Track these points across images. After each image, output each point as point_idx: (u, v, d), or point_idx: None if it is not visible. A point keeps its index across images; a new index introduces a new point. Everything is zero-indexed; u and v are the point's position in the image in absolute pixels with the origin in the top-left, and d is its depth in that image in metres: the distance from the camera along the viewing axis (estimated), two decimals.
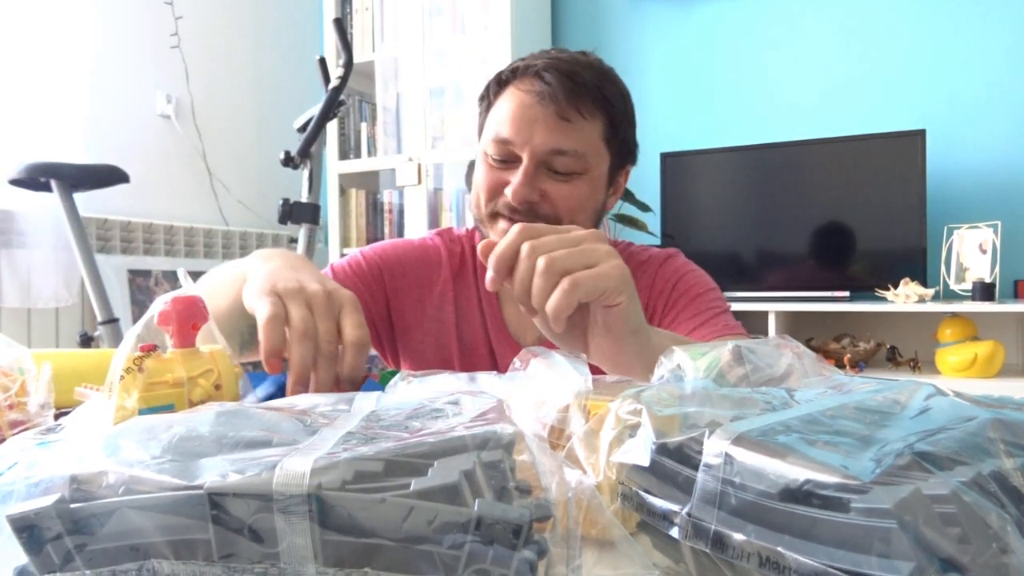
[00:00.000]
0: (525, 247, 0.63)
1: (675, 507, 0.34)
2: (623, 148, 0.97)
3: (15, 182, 2.06)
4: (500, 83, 0.95)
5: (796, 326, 2.55)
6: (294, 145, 2.12)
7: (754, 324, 2.55)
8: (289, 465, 0.29)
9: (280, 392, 0.61)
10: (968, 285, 2.32)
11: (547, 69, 0.89)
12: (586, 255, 0.64)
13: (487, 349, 1.04)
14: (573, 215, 0.91)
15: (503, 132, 0.90)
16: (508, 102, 0.91)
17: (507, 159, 0.91)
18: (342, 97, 2.14)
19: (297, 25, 3.30)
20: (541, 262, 0.62)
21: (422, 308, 1.04)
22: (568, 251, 0.63)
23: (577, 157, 0.90)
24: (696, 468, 0.33)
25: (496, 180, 0.92)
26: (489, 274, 0.64)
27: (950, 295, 2.40)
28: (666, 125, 2.96)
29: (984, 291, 2.23)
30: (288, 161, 2.08)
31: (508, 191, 0.89)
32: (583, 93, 0.89)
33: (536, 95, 0.88)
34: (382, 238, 3.15)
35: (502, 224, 0.92)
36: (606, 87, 0.92)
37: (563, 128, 0.88)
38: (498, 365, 1.03)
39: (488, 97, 0.96)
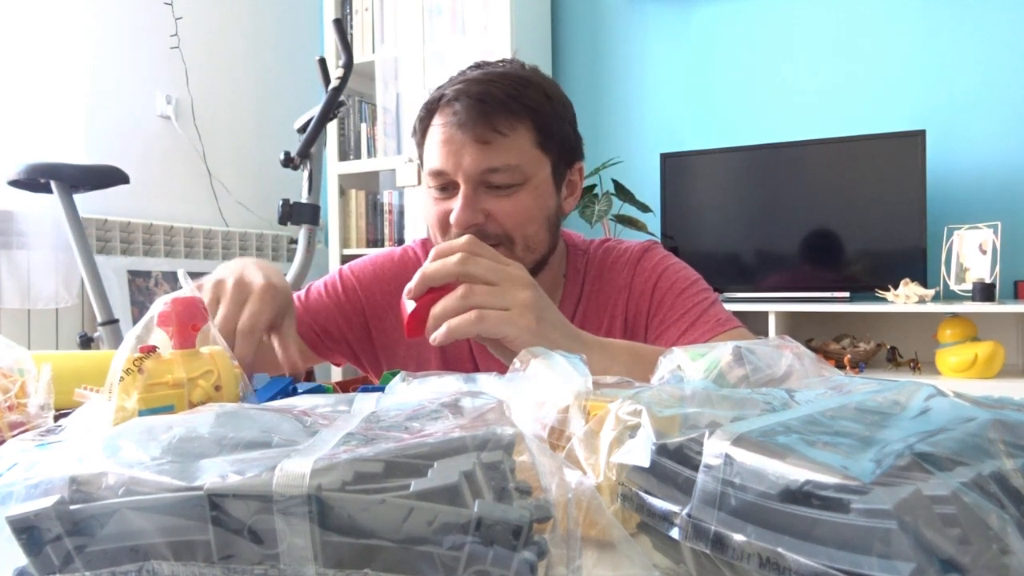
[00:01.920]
0: (459, 255, 0.72)
1: (675, 508, 0.34)
2: (563, 148, 0.96)
3: (15, 183, 2.05)
4: (422, 118, 0.96)
5: (796, 326, 2.54)
6: (294, 146, 2.12)
7: (754, 324, 2.55)
8: (289, 466, 0.29)
9: (282, 395, 0.61)
10: (968, 285, 2.32)
11: (457, 97, 0.89)
12: (502, 295, 0.71)
13: (470, 360, 1.04)
14: (523, 228, 0.92)
15: (435, 164, 0.91)
16: (433, 135, 0.92)
17: (447, 185, 0.92)
18: (342, 98, 2.14)
19: (297, 25, 3.30)
20: (461, 291, 0.70)
21: (402, 324, 1.05)
22: (489, 288, 0.71)
23: (511, 171, 0.89)
24: (696, 469, 0.33)
25: (442, 211, 0.93)
26: (414, 283, 0.72)
27: (950, 295, 2.40)
28: (666, 125, 2.96)
29: (984, 291, 2.23)
30: (288, 162, 2.08)
31: (452, 218, 0.90)
32: (495, 111, 0.88)
33: (455, 124, 0.89)
34: (382, 239, 3.15)
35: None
36: (525, 94, 0.91)
37: (487, 148, 0.88)
38: (480, 369, 1.03)
39: (417, 132, 0.98)
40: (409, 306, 0.73)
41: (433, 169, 0.92)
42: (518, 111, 0.89)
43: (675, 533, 0.33)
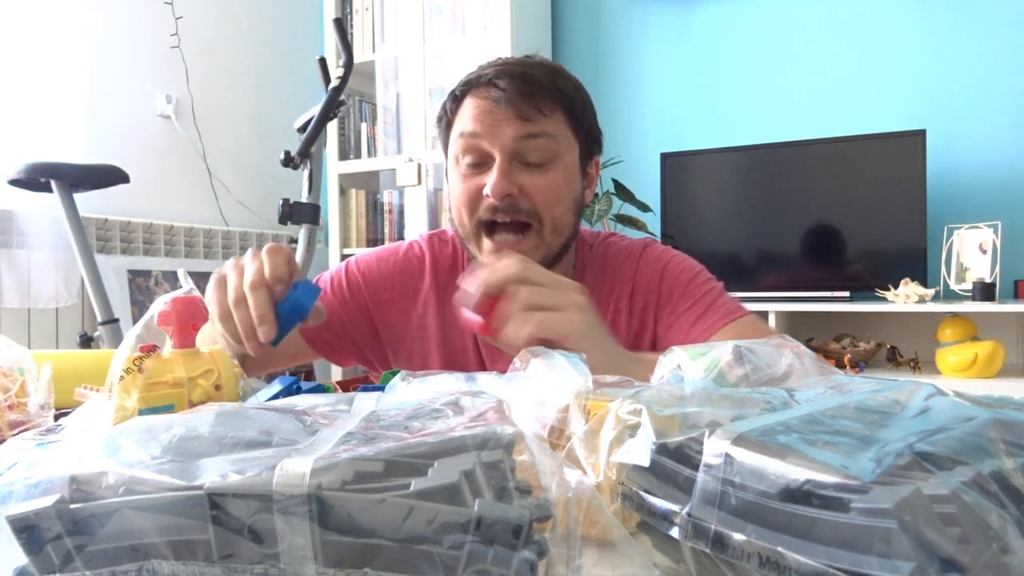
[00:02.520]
0: (517, 266, 0.73)
1: (675, 507, 0.34)
2: (588, 136, 0.99)
3: (15, 182, 2.05)
4: (455, 99, 0.97)
5: (796, 326, 2.54)
6: (294, 145, 2.12)
7: None
8: (289, 465, 0.29)
9: (286, 394, 0.61)
10: (968, 285, 2.32)
11: (499, 76, 0.92)
12: (559, 296, 0.73)
13: (475, 352, 1.04)
14: (552, 207, 0.93)
15: (470, 127, 0.92)
16: (469, 110, 0.94)
17: (480, 161, 0.93)
18: (342, 97, 2.14)
19: (297, 25, 3.30)
20: (523, 292, 0.72)
21: (408, 318, 1.06)
22: (544, 289, 0.73)
23: (548, 138, 0.92)
24: (696, 468, 0.33)
25: (473, 187, 0.93)
26: (476, 293, 0.73)
27: (950, 295, 2.40)
28: (666, 125, 2.96)
29: (984, 291, 2.23)
30: (288, 161, 2.07)
31: (487, 190, 0.91)
32: (538, 91, 0.91)
33: (493, 101, 0.91)
34: (382, 238, 3.15)
35: (487, 244, 0.94)
36: (559, 81, 0.94)
37: (527, 125, 0.91)
38: (487, 368, 1.03)
39: (446, 115, 0.99)
40: (468, 314, 0.75)
41: (467, 132, 0.93)
42: (556, 96, 0.93)
43: (675, 532, 0.33)
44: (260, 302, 0.71)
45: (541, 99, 0.91)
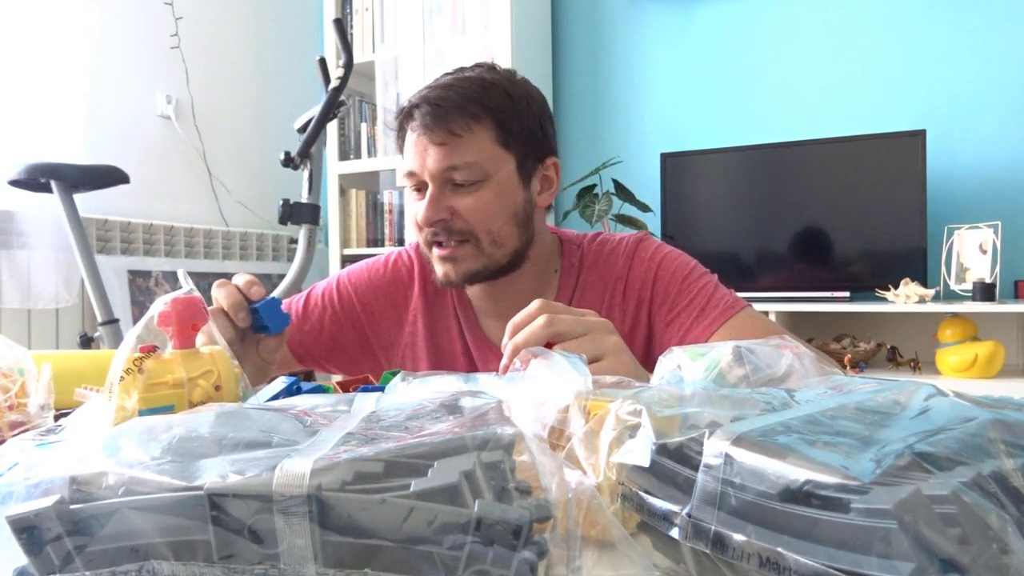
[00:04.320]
0: (543, 318, 0.73)
1: (675, 508, 0.34)
2: (528, 144, 0.98)
3: (15, 182, 2.05)
4: (399, 126, 1.01)
5: (796, 326, 2.54)
6: (294, 145, 2.12)
7: None
8: (289, 466, 0.29)
9: (286, 394, 0.61)
10: (968, 285, 2.32)
11: (418, 104, 0.95)
12: (594, 344, 0.73)
13: (465, 356, 1.06)
14: (486, 223, 0.95)
15: (407, 166, 0.97)
16: (406, 140, 0.98)
17: (420, 187, 0.97)
18: (342, 97, 2.13)
19: (297, 25, 3.29)
20: (545, 321, 0.73)
21: (400, 327, 1.09)
22: (578, 340, 0.73)
23: (470, 168, 0.94)
24: (696, 469, 0.33)
25: (416, 212, 0.97)
26: (505, 340, 0.74)
27: (950, 295, 2.40)
28: (666, 125, 2.96)
29: (984, 291, 2.23)
30: (288, 162, 2.07)
31: (418, 217, 0.95)
32: (449, 115, 0.93)
33: (417, 130, 0.95)
34: (382, 238, 3.15)
35: (435, 251, 0.98)
36: (484, 96, 0.95)
37: (445, 149, 0.93)
38: (478, 369, 1.05)
39: (397, 140, 1.02)
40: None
41: (406, 171, 0.98)
42: (475, 114, 0.94)
43: (675, 533, 0.33)
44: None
45: (453, 121, 0.93)
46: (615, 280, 1.03)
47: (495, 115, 0.95)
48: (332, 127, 3.08)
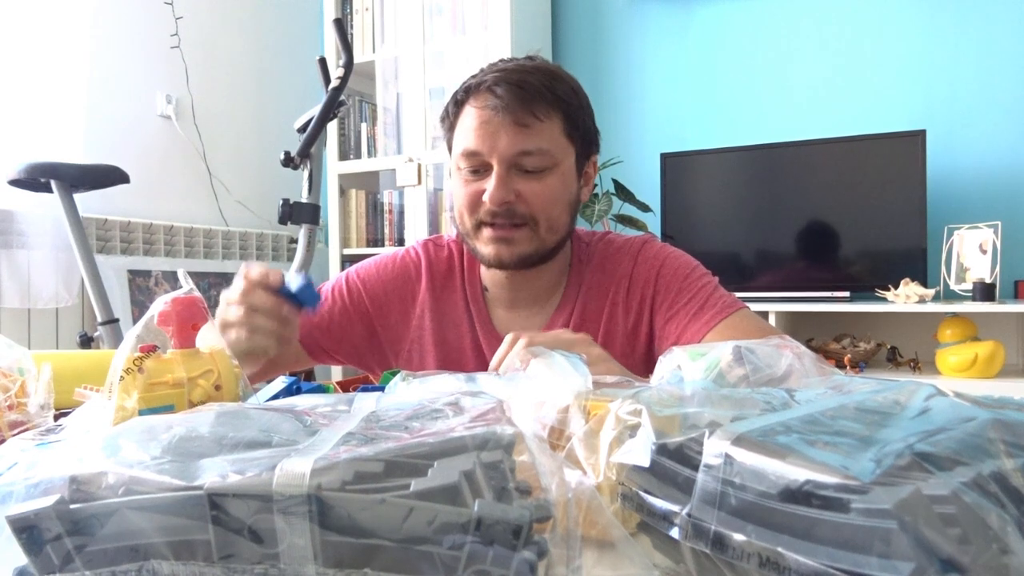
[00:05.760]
0: (522, 339, 0.73)
1: (675, 507, 0.34)
2: (585, 139, 1.02)
3: (15, 182, 2.05)
4: (457, 103, 1.00)
5: (796, 326, 2.54)
6: (294, 145, 2.11)
7: None
8: (289, 466, 0.29)
9: (286, 394, 0.61)
10: (968, 285, 2.32)
11: (497, 83, 0.94)
12: (569, 339, 0.75)
13: (474, 351, 1.07)
14: (548, 210, 0.97)
15: (470, 145, 0.96)
16: (468, 119, 0.97)
17: (479, 168, 0.96)
18: (342, 97, 2.13)
19: (297, 25, 3.29)
20: (525, 341, 0.73)
21: (407, 321, 1.10)
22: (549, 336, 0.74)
23: (543, 154, 0.95)
24: (696, 468, 0.33)
25: (473, 191, 0.97)
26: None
27: (950, 295, 2.40)
28: (666, 125, 2.96)
29: (984, 291, 2.23)
30: (288, 161, 2.07)
31: (486, 196, 0.95)
32: (534, 98, 0.94)
33: (491, 109, 0.94)
34: (382, 238, 3.14)
35: (486, 232, 0.98)
36: (556, 86, 0.97)
37: (524, 132, 0.94)
38: (487, 362, 1.05)
39: (448, 118, 1.01)
40: None
41: (467, 150, 0.96)
42: (552, 101, 0.95)
43: (675, 533, 0.33)
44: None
45: (537, 105, 0.94)
46: (620, 278, 1.05)
47: (565, 106, 0.97)
48: (332, 127, 3.08)
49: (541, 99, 0.94)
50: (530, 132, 0.94)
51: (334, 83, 2.06)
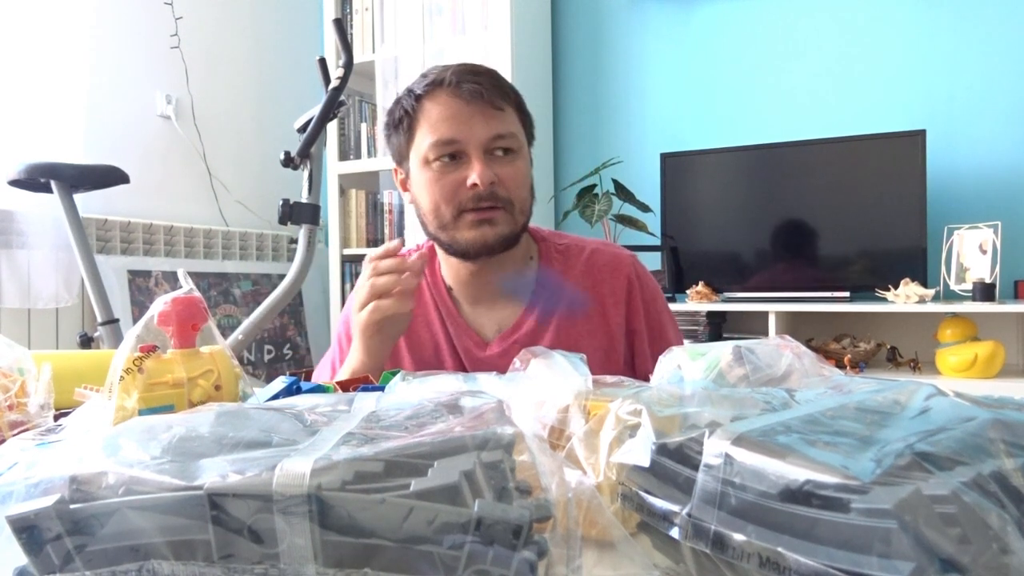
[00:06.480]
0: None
1: (675, 507, 0.34)
2: (529, 130, 1.09)
3: (15, 182, 2.05)
4: (417, 99, 1.02)
5: (796, 326, 2.54)
6: (294, 145, 2.11)
7: (754, 324, 2.55)
8: (289, 466, 0.29)
9: (286, 394, 0.61)
10: (968, 285, 2.32)
11: (458, 76, 1.00)
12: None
13: (449, 348, 1.09)
14: (520, 192, 1.03)
15: (445, 134, 0.99)
16: (435, 111, 1.00)
17: (454, 156, 1.00)
18: (342, 97, 2.13)
19: (297, 25, 3.29)
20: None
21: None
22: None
23: (512, 138, 1.01)
24: (696, 468, 0.33)
25: (453, 180, 0.99)
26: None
27: (950, 295, 2.40)
28: (666, 125, 2.96)
29: (984, 291, 2.23)
30: (288, 162, 2.07)
31: (474, 180, 0.98)
32: (495, 89, 1.01)
33: (461, 99, 0.99)
34: (382, 238, 3.14)
35: (469, 217, 1.00)
36: (503, 81, 1.04)
37: (497, 116, 1.00)
38: (464, 363, 1.08)
39: (409, 115, 1.03)
40: None
41: (443, 139, 0.99)
42: (507, 91, 1.03)
43: (675, 533, 0.33)
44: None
45: (497, 97, 1.00)
46: (616, 303, 1.10)
47: (515, 97, 1.04)
48: (332, 127, 3.08)
49: (498, 89, 1.01)
50: (502, 116, 1.00)
51: (334, 83, 2.06)
